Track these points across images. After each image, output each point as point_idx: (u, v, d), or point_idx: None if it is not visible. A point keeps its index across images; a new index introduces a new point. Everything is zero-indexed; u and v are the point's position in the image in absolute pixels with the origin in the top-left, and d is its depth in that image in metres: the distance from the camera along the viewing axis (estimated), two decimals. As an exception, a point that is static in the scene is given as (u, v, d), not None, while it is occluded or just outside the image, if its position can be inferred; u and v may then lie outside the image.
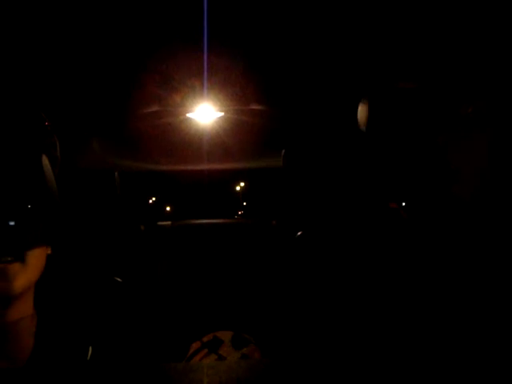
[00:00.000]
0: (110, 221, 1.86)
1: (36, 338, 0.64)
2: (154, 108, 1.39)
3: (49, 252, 0.64)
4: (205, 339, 1.22)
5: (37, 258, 0.62)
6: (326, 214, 1.31)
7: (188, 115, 1.51)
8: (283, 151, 1.41)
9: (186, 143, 1.90)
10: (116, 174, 1.91)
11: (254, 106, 1.41)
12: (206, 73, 1.06)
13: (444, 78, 0.81)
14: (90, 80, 1.14)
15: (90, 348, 0.69)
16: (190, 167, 2.50)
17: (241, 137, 1.82)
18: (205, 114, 1.48)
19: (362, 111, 0.87)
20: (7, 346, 0.60)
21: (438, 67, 0.88)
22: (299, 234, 1.34)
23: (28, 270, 0.61)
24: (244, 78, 1.17)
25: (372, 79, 1.11)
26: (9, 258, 0.59)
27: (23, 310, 0.63)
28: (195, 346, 1.21)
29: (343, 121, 1.33)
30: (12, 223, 0.57)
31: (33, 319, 0.65)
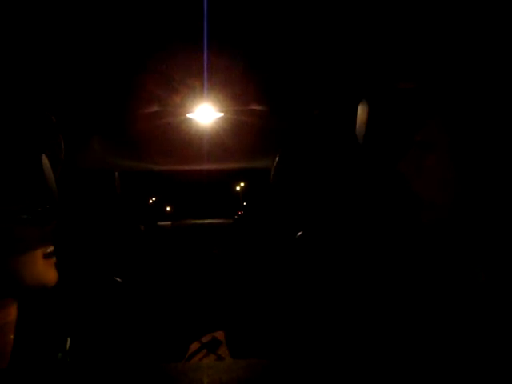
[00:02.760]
0: (110, 221, 1.86)
1: (32, 337, 0.64)
2: (154, 108, 1.39)
3: (51, 251, 0.64)
4: (203, 340, 1.22)
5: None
6: (325, 214, 1.31)
7: (188, 115, 1.51)
8: (278, 153, 1.41)
9: (186, 143, 1.91)
10: (116, 174, 1.91)
11: (254, 107, 1.41)
12: (206, 73, 1.06)
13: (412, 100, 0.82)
14: (91, 80, 1.14)
15: (68, 339, 0.68)
16: (190, 167, 2.50)
17: (241, 137, 1.83)
18: (205, 114, 1.49)
19: (361, 112, 0.87)
20: None
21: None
22: (299, 234, 1.34)
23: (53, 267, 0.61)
24: (244, 79, 1.17)
25: (372, 80, 1.11)
26: (48, 250, 0.60)
27: (8, 314, 0.62)
28: (194, 346, 1.21)
29: (343, 121, 1.33)
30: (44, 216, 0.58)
31: (12, 322, 0.64)
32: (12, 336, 0.62)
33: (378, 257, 0.92)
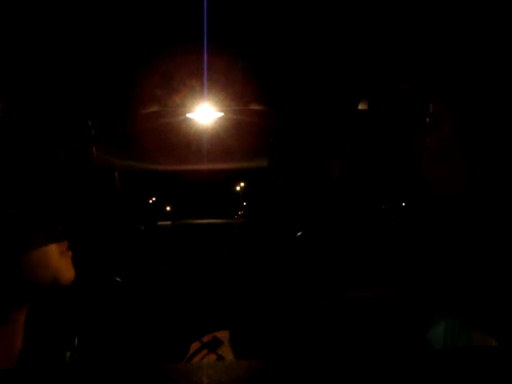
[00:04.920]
0: (110, 221, 1.86)
1: (33, 337, 0.64)
2: (155, 108, 1.39)
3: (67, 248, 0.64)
4: (204, 339, 1.21)
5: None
6: (325, 213, 1.31)
7: (188, 115, 1.51)
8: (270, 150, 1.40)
9: (186, 143, 1.91)
10: (116, 174, 1.91)
11: (254, 106, 1.41)
12: (205, 73, 1.06)
13: (423, 82, 0.82)
14: (91, 80, 1.14)
15: (76, 338, 0.69)
16: (190, 167, 2.50)
17: (240, 137, 1.82)
18: (205, 114, 1.48)
19: (362, 112, 0.87)
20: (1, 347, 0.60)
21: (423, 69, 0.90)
22: (299, 234, 1.34)
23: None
24: (244, 79, 1.17)
25: (372, 80, 1.11)
26: (64, 248, 0.61)
27: (17, 314, 0.62)
28: (195, 346, 1.21)
29: (343, 121, 1.33)
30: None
31: (22, 321, 0.64)
32: (21, 336, 0.62)
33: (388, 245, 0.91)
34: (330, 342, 0.92)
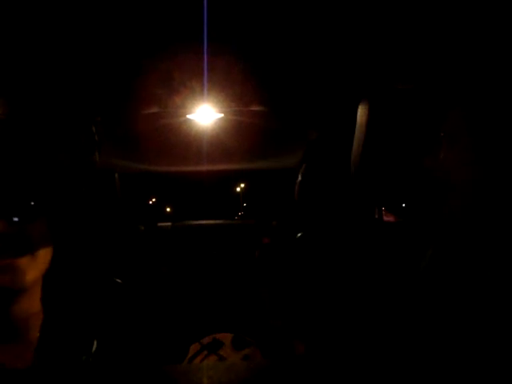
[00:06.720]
0: (110, 222, 1.86)
1: (40, 336, 0.64)
2: (155, 109, 1.39)
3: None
4: (204, 341, 1.21)
5: (45, 252, 0.63)
6: (325, 215, 1.31)
7: (188, 116, 1.51)
8: (302, 167, 1.41)
9: (186, 144, 1.91)
10: (116, 174, 1.91)
11: (254, 108, 1.41)
12: (206, 74, 1.06)
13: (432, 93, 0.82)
14: (90, 81, 1.15)
15: (95, 342, 0.69)
16: (190, 168, 2.50)
17: (241, 138, 1.83)
18: (205, 115, 1.49)
19: (361, 113, 0.87)
20: (16, 342, 0.60)
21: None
22: (299, 235, 1.34)
23: (38, 264, 0.61)
24: (244, 80, 1.17)
25: (372, 80, 1.11)
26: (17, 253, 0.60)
27: (32, 307, 0.63)
28: (194, 348, 1.21)
29: (344, 122, 1.33)
30: (16, 219, 0.58)
31: (39, 316, 0.65)
32: (37, 330, 0.62)
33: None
34: (330, 342, 0.92)
